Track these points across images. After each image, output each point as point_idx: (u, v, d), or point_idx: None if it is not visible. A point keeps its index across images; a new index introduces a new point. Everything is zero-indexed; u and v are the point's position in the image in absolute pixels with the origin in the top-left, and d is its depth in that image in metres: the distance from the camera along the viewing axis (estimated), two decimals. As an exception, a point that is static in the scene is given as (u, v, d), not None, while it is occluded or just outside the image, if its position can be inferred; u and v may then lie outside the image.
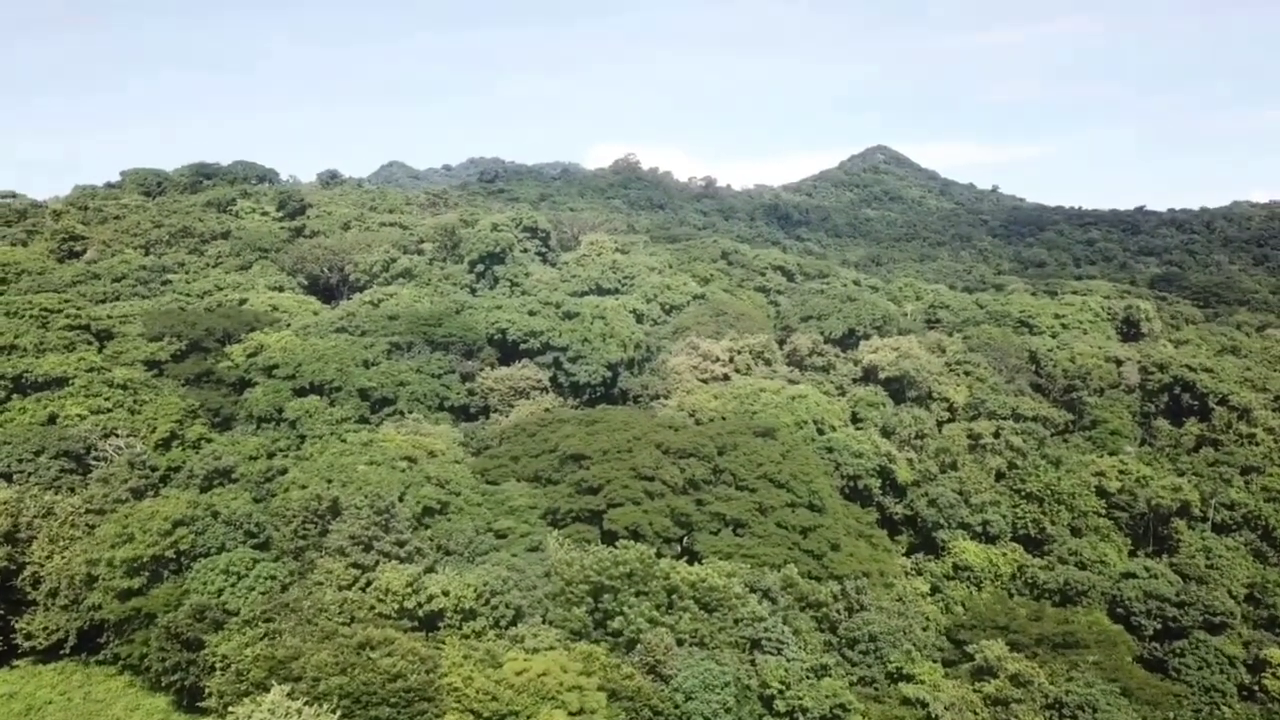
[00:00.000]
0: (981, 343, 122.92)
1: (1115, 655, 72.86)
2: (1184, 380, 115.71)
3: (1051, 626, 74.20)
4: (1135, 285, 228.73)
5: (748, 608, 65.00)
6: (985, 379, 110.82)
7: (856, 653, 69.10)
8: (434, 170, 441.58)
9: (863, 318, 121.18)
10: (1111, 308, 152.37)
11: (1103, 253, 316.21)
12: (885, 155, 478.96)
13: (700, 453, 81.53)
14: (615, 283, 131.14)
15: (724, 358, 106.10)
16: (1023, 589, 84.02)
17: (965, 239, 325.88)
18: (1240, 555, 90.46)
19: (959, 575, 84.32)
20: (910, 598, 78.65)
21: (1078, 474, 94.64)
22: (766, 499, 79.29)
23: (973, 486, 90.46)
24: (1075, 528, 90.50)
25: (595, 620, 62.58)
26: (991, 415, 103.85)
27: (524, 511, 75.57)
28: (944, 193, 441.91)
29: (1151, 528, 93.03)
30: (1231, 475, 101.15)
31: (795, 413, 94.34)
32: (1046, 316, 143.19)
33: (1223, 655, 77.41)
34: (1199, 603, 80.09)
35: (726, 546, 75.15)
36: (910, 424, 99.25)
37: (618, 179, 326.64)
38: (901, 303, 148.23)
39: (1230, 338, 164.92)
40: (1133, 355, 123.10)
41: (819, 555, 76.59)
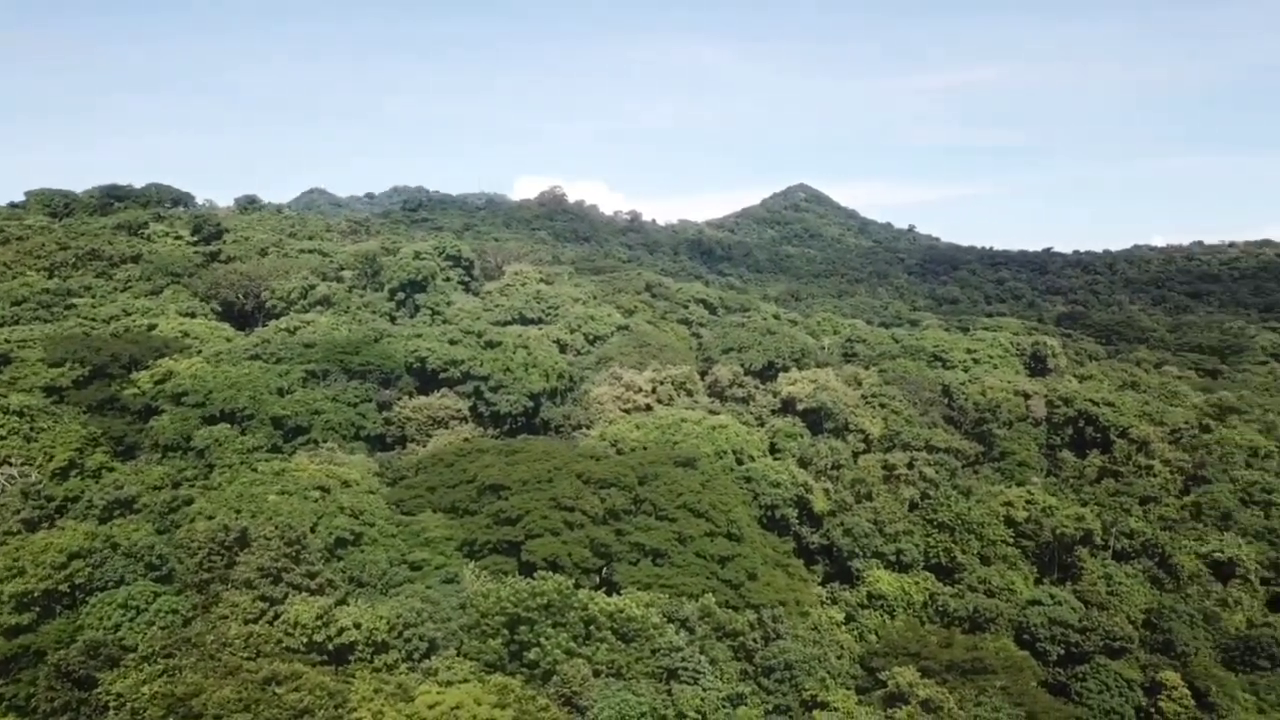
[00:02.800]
0: (897, 376, 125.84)
1: (1021, 680, 74.67)
2: (1087, 414, 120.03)
3: (961, 653, 75.71)
4: (1042, 323, 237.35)
5: (665, 638, 65.01)
6: (900, 411, 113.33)
7: (772, 681, 69.53)
8: (356, 198, 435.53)
9: (782, 350, 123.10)
10: (1020, 344, 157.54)
11: (1012, 291, 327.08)
12: (806, 194, 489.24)
13: (621, 482, 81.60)
14: (539, 313, 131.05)
15: (647, 388, 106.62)
16: (934, 616, 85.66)
17: (882, 276, 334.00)
18: (1138, 582, 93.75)
19: (873, 604, 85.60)
20: (825, 626, 79.58)
21: (987, 504, 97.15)
22: (686, 528, 79.61)
23: (887, 516, 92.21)
24: (984, 556, 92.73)
25: (511, 652, 61.88)
26: (906, 446, 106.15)
27: (440, 543, 74.60)
28: (862, 231, 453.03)
29: (1056, 556, 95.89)
30: (1131, 505, 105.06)
31: (716, 443, 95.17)
32: (959, 351, 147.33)
33: (1122, 679, 79.95)
34: (1100, 628, 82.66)
35: (645, 576, 75.16)
36: (827, 455, 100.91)
37: (543, 211, 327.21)
38: (820, 336, 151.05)
39: (1130, 373, 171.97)
40: (1040, 389, 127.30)
41: (737, 584, 77.09)
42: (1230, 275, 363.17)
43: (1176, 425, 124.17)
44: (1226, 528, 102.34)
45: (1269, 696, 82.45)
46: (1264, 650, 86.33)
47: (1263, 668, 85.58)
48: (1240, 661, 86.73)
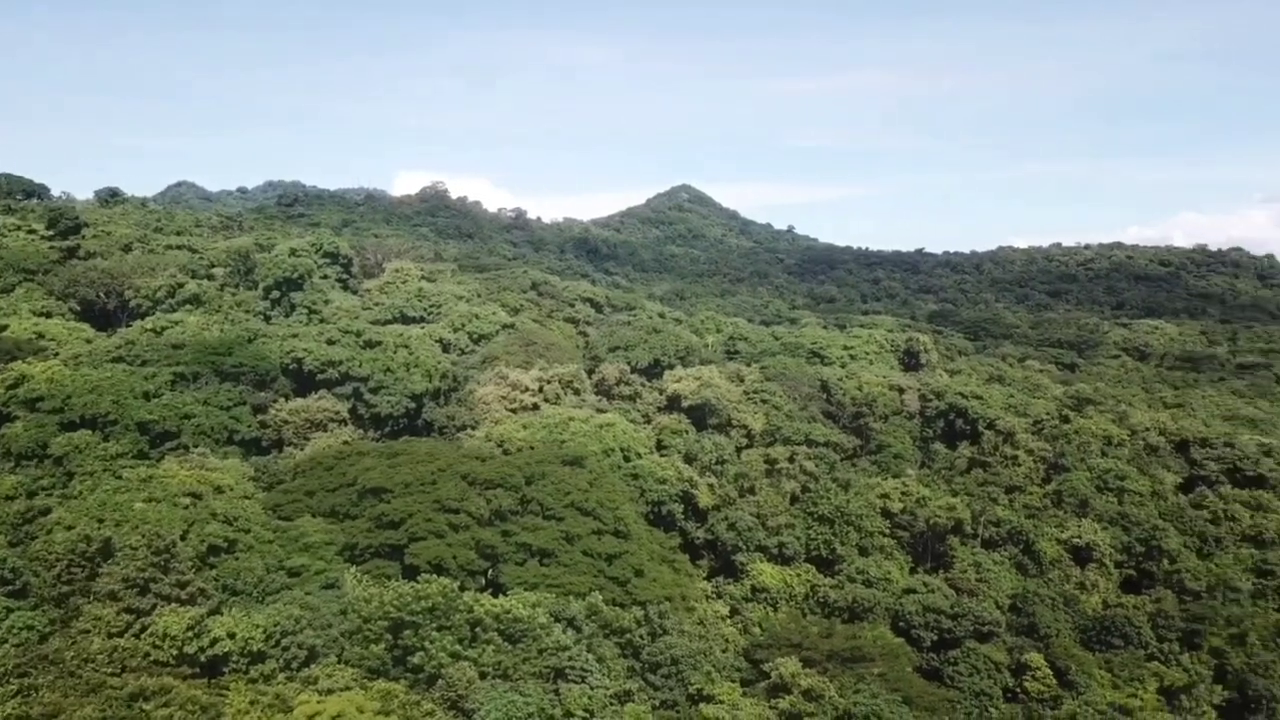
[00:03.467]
0: (777, 373, 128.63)
1: (897, 666, 77.42)
2: (958, 407, 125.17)
3: (841, 642, 77.98)
4: (915, 320, 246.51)
5: (552, 637, 64.84)
6: (781, 407, 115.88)
7: (659, 677, 70.22)
8: (228, 193, 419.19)
9: (667, 349, 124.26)
10: (894, 340, 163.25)
11: (887, 290, 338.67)
12: (689, 194, 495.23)
13: (507, 483, 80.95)
14: (421, 311, 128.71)
15: (533, 387, 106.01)
16: (815, 608, 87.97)
17: (763, 276, 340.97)
18: (1005, 568, 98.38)
19: (757, 597, 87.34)
20: (711, 620, 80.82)
21: (865, 496, 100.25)
22: (573, 527, 79.57)
23: (769, 510, 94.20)
24: (863, 547, 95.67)
25: (395, 657, 60.69)
26: (787, 441, 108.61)
27: (320, 548, 72.53)
28: (744, 232, 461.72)
29: (929, 545, 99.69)
30: (998, 494, 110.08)
31: (603, 441, 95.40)
32: (837, 348, 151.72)
33: (990, 661, 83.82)
34: (970, 614, 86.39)
35: (532, 576, 74.81)
36: (711, 450, 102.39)
37: (425, 207, 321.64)
38: (703, 335, 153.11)
39: (996, 368, 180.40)
40: (913, 384, 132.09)
41: (624, 582, 77.45)
42: (1086, 275, 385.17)
43: (1039, 417, 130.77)
44: (1084, 514, 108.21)
45: (1122, 673, 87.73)
46: (1118, 629, 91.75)
47: (1117, 646, 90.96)
48: (1097, 641, 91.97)
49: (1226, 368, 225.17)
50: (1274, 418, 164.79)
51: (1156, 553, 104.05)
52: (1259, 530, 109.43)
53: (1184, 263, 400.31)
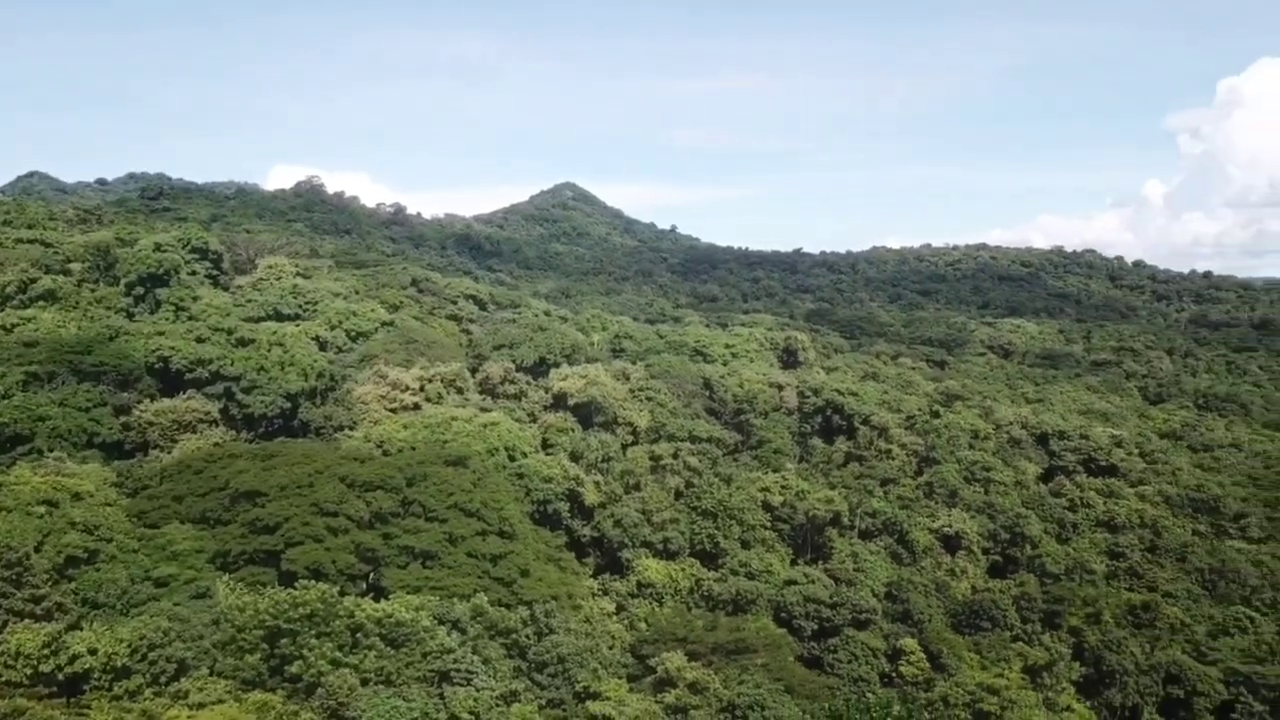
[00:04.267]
0: (662, 370, 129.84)
1: (780, 656, 79.12)
2: (834, 403, 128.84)
3: (725, 635, 79.22)
4: (794, 319, 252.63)
5: (436, 640, 63.77)
6: (665, 404, 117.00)
7: (546, 676, 69.88)
8: (85, 184, 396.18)
9: (553, 347, 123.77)
10: (774, 338, 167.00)
11: (766, 290, 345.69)
12: (573, 192, 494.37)
13: (388, 484, 79.13)
14: (296, 308, 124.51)
15: (414, 386, 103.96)
16: (700, 601, 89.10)
17: (647, 274, 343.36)
18: (881, 558, 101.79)
19: (642, 592, 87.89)
20: (597, 618, 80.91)
21: (746, 490, 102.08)
22: (457, 529, 78.43)
23: (654, 506, 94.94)
24: (745, 540, 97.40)
25: (271, 667, 58.61)
26: (671, 438, 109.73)
27: (189, 555, 69.43)
28: (628, 231, 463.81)
29: (809, 537, 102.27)
30: (873, 486, 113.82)
31: (487, 440, 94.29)
32: (719, 346, 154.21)
33: (868, 648, 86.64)
34: (848, 603, 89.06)
35: (415, 579, 73.38)
36: (597, 448, 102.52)
37: (300, 202, 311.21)
38: (589, 333, 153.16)
39: (871, 365, 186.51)
40: (792, 381, 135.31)
41: (509, 582, 76.76)
42: (954, 275, 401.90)
43: (911, 412, 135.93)
44: (954, 504, 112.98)
45: (990, 654, 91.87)
46: (985, 613, 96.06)
47: (984, 629, 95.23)
48: (966, 625, 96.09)
49: (1082, 364, 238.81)
50: (1124, 411, 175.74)
51: (1020, 539, 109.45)
52: (1111, 516, 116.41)
53: (1043, 264, 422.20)
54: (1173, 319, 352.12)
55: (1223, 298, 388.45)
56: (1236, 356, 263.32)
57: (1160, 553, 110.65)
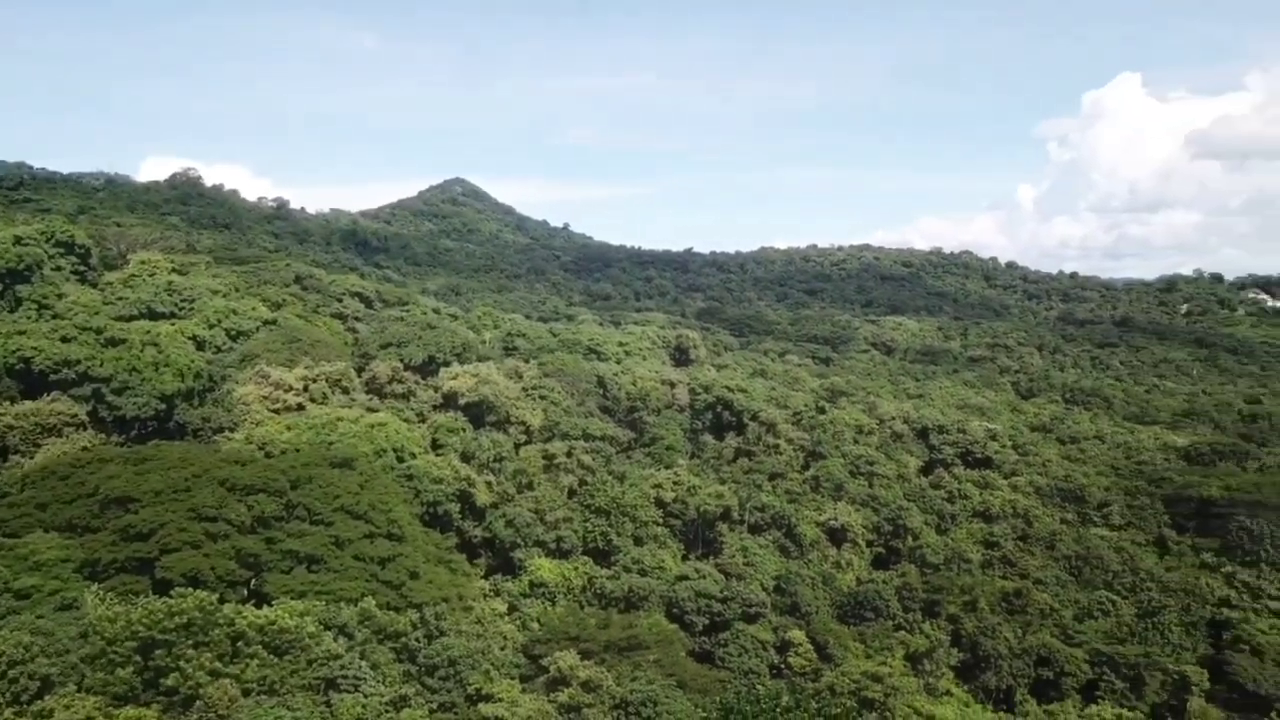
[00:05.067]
0: (555, 369, 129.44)
1: (672, 652, 79.90)
2: (725, 400, 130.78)
3: (618, 632, 79.53)
4: (685, 317, 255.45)
5: (322, 646, 62.05)
6: (559, 403, 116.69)
7: (436, 679, 68.87)
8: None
9: (443, 345, 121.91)
10: (666, 336, 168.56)
11: (658, 288, 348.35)
12: (464, 188, 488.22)
13: (271, 487, 76.56)
14: (172, 306, 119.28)
15: (298, 386, 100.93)
16: (593, 599, 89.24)
17: (540, 272, 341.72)
18: (769, 551, 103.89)
19: (535, 592, 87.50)
20: (489, 619, 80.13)
21: (639, 487, 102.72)
22: (344, 531, 76.53)
23: (547, 505, 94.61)
24: (638, 537, 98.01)
25: (145, 680, 55.96)
26: (565, 436, 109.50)
27: (54, 565, 65.65)
28: (519, 228, 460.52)
29: (700, 532, 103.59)
30: (762, 481, 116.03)
31: (375, 441, 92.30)
32: (612, 344, 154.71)
33: (757, 641, 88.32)
34: (739, 597, 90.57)
35: (300, 585, 71.23)
36: (489, 448, 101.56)
37: (175, 194, 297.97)
38: (480, 331, 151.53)
39: (760, 363, 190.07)
40: (684, 378, 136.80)
41: (398, 585, 75.32)
42: (839, 275, 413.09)
43: (798, 408, 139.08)
44: (839, 497, 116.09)
45: (874, 643, 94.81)
46: (869, 604, 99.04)
47: (869, 619, 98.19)
48: (851, 615, 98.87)
49: (959, 360, 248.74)
50: (998, 405, 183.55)
51: (902, 530, 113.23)
52: (987, 506, 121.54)
53: (923, 264, 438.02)
54: (1042, 317, 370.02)
55: (1087, 297, 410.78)
56: (1100, 352, 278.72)
57: (1031, 541, 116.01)
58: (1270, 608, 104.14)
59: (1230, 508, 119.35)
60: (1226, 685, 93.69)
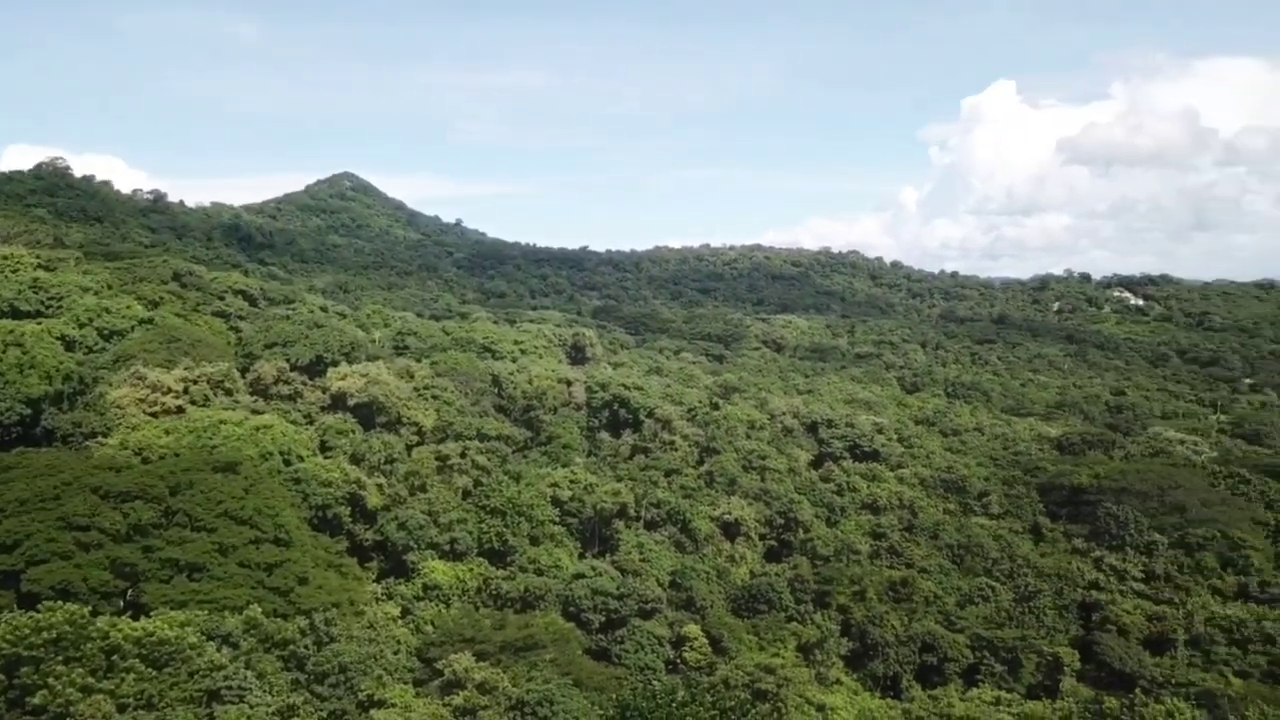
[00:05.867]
0: (448, 368, 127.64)
1: (568, 650, 79.73)
2: (621, 397, 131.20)
3: (514, 633, 78.93)
4: (581, 315, 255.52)
5: (205, 657, 59.75)
6: (452, 402, 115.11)
7: (327, 686, 67.12)
8: None
9: (331, 344, 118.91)
10: (562, 335, 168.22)
11: (554, 286, 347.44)
12: (353, 183, 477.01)
13: (149, 494, 73.47)
14: (38, 304, 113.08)
15: (177, 388, 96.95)
16: (489, 600, 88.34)
17: (432, 269, 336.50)
18: (665, 547, 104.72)
19: (429, 595, 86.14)
20: (382, 623, 78.57)
21: (535, 487, 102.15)
22: (227, 538, 73.96)
23: (441, 506, 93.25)
24: (534, 537, 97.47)
25: (10, 699, 52.94)
26: (459, 436, 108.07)
27: (-93, 582, 61.60)
28: (411, 224, 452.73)
29: (597, 530, 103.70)
30: (658, 478, 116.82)
31: (260, 444, 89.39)
32: (507, 343, 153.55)
33: (653, 636, 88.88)
34: (635, 593, 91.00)
35: (181, 594, 68.60)
36: (380, 449, 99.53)
37: (41, 185, 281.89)
38: (370, 330, 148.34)
39: (655, 360, 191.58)
40: (580, 376, 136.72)
41: (286, 591, 73.20)
42: (731, 274, 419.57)
43: (693, 405, 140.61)
44: (732, 492, 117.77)
45: (767, 635, 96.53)
46: (763, 596, 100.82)
47: (762, 611, 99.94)
48: (745, 608, 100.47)
49: (847, 357, 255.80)
50: (884, 400, 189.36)
51: (793, 523, 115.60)
52: (874, 498, 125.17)
53: (812, 264, 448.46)
54: (925, 315, 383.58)
55: (967, 295, 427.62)
56: (979, 349, 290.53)
57: (916, 531, 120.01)
58: (1134, 589, 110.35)
59: (1098, 495, 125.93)
60: (1095, 664, 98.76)
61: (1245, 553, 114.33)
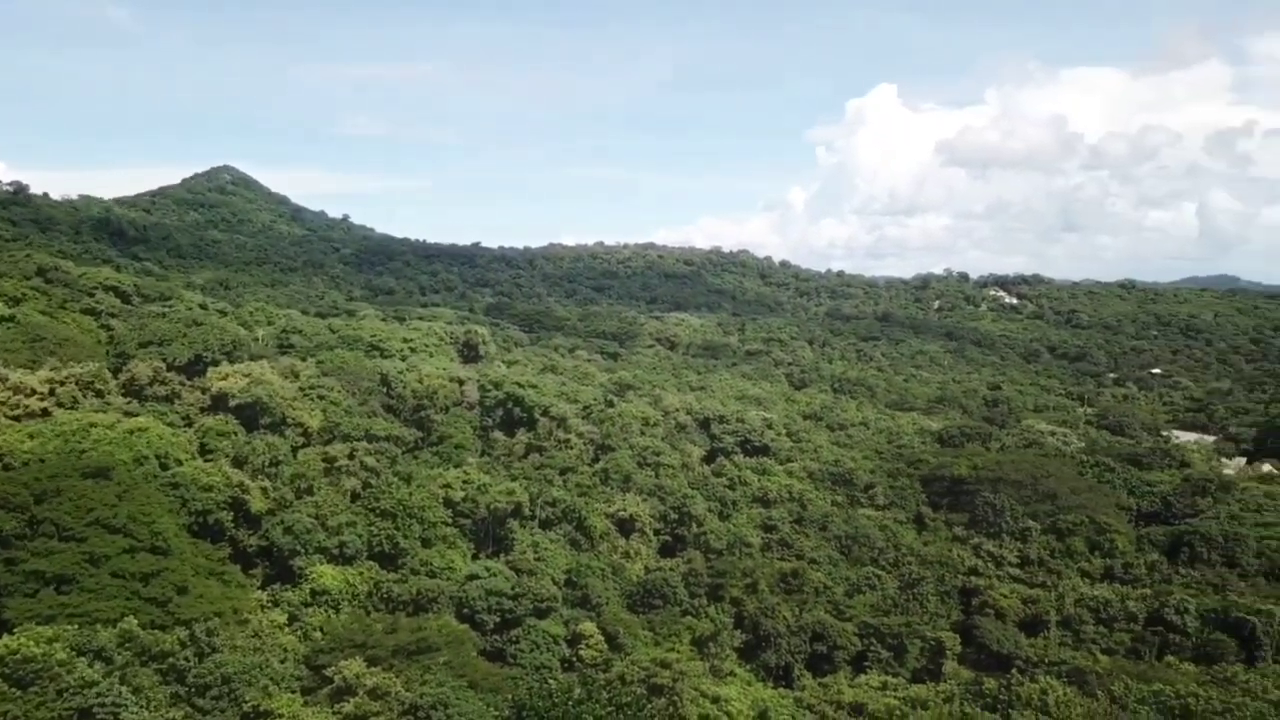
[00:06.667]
0: (336, 367, 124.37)
1: (463, 653, 78.71)
2: (515, 396, 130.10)
3: (406, 636, 77.48)
4: (473, 312, 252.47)
5: (75, 674, 56.84)
6: (340, 402, 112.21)
7: (209, 699, 64.64)
8: None
9: (211, 343, 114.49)
10: (454, 332, 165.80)
11: (445, 283, 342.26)
12: (233, 176, 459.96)
13: (11, 503, 69.46)
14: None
15: (42, 390, 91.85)
16: (380, 604, 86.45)
17: (318, 266, 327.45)
18: (560, 546, 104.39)
19: (317, 600, 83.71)
20: (267, 631, 76.09)
21: (427, 487, 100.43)
22: (99, 547, 70.43)
23: (329, 509, 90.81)
24: (426, 539, 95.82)
25: None
26: (347, 437, 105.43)
27: None
28: (295, 219, 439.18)
29: (491, 530, 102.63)
30: (553, 476, 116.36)
31: (134, 448, 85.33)
32: (397, 341, 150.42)
33: (549, 635, 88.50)
34: (530, 593, 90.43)
35: (48, 608, 65.08)
36: (264, 452, 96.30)
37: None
38: (253, 328, 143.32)
39: (549, 358, 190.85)
40: (473, 375, 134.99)
41: (164, 602, 70.24)
42: (625, 272, 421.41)
43: (587, 402, 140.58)
44: (628, 489, 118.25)
45: (662, 630, 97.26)
46: (657, 592, 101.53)
47: (657, 606, 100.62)
48: (640, 604, 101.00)
49: (737, 354, 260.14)
50: (773, 396, 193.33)
51: (687, 518, 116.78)
52: (765, 491, 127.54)
53: (704, 262, 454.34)
54: (812, 313, 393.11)
55: (852, 294, 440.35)
56: (864, 345, 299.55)
57: (806, 523, 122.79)
58: (1010, 574, 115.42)
59: (977, 485, 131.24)
60: (975, 647, 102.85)
61: (1110, 536, 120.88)
